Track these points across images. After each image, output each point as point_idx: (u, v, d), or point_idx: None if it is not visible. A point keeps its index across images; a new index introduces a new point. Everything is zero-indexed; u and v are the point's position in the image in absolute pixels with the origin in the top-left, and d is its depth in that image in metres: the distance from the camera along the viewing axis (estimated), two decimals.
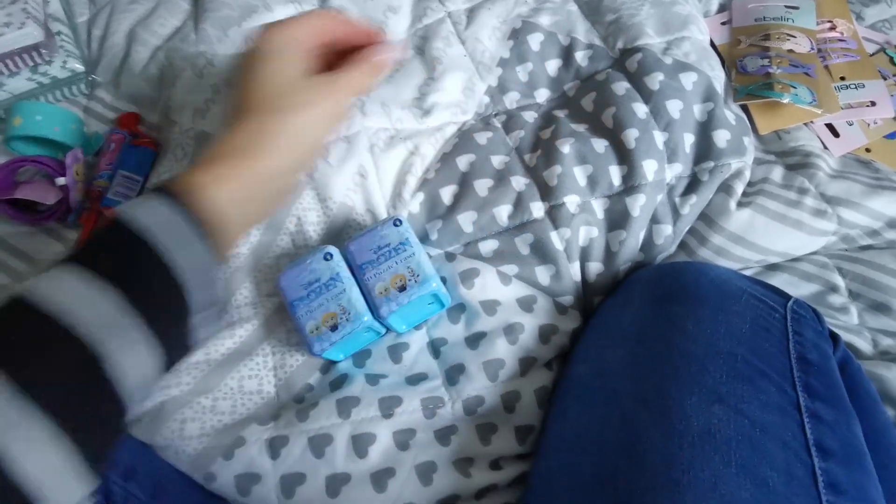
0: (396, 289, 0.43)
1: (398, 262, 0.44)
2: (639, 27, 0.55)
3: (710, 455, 0.32)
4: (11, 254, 0.49)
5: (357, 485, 0.41)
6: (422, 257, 0.44)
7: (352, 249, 0.45)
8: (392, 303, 0.43)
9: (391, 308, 0.43)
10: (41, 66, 0.55)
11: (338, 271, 0.44)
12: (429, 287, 0.43)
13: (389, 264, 0.44)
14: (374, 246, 0.44)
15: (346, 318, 0.43)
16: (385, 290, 0.43)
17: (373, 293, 0.43)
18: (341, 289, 0.43)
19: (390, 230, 0.45)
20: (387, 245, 0.44)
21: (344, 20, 0.40)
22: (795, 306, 0.40)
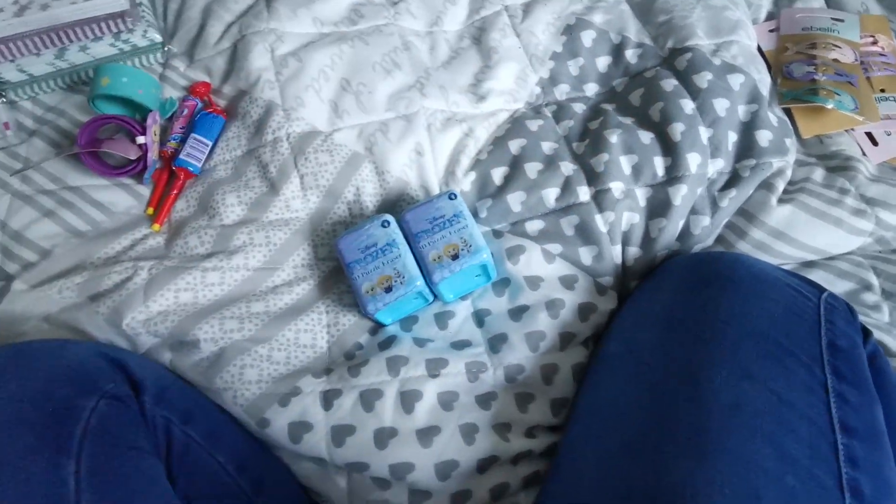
0: (450, 257, 0.46)
1: (452, 232, 0.47)
2: (690, 28, 0.57)
3: (737, 426, 0.34)
4: (90, 203, 0.53)
5: (404, 439, 0.43)
6: (474, 230, 0.47)
7: (407, 219, 0.48)
8: (445, 269, 0.46)
9: (443, 274, 0.46)
10: (123, 34, 0.59)
11: (394, 238, 0.47)
12: (480, 257, 0.46)
13: (443, 234, 0.47)
14: (430, 217, 0.47)
15: (400, 280, 0.46)
16: (438, 257, 0.46)
17: (426, 260, 0.46)
18: (397, 254, 0.46)
19: (445, 203, 0.48)
20: (441, 216, 0.47)
21: None
22: (829, 298, 0.41)
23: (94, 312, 0.46)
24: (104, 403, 0.36)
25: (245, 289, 0.49)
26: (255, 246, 0.51)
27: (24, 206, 0.52)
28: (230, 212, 0.52)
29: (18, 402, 0.34)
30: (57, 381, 0.36)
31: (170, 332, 0.46)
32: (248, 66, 0.57)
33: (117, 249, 0.50)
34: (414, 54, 0.59)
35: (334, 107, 0.56)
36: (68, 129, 0.57)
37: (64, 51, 0.58)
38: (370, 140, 0.54)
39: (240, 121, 0.56)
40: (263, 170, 0.54)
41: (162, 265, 0.48)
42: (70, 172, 0.54)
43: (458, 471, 0.43)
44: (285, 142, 0.54)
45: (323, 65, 0.57)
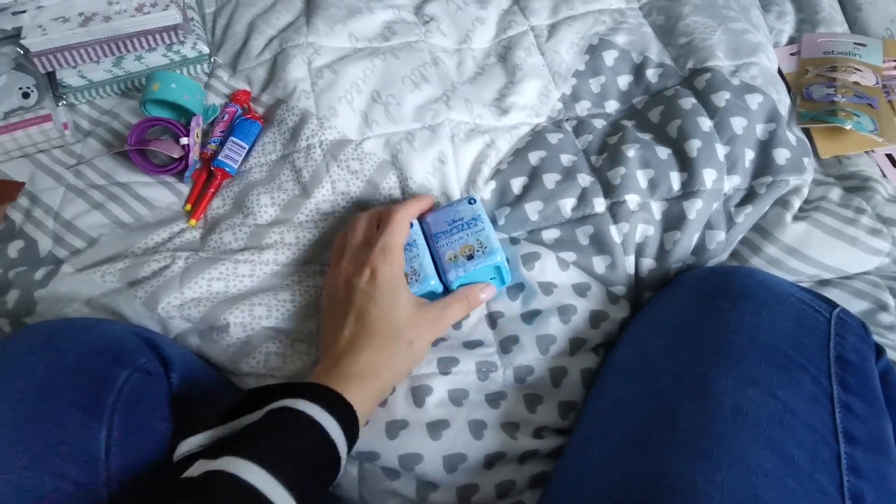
0: (465, 257, 0.48)
1: (469, 234, 0.49)
2: (710, 50, 0.59)
3: (740, 429, 0.34)
4: (135, 198, 0.57)
5: (414, 430, 0.45)
6: (490, 233, 0.49)
7: (428, 220, 0.51)
8: (459, 269, 0.48)
9: (458, 273, 0.48)
10: (175, 45, 0.64)
11: (415, 238, 0.49)
12: (494, 259, 0.48)
13: (461, 235, 0.49)
14: (449, 219, 0.50)
15: (415, 278, 0.48)
16: (454, 257, 0.48)
17: (443, 259, 0.48)
18: (415, 253, 0.49)
19: (465, 207, 0.50)
20: (460, 219, 0.50)
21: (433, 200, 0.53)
22: (842, 314, 0.42)
23: (132, 297, 0.49)
24: (137, 376, 0.39)
25: (274, 281, 0.52)
26: (286, 245, 0.53)
27: (77, 198, 0.56)
28: (263, 212, 0.56)
29: (59, 370, 0.37)
30: (94, 353, 0.39)
31: (201, 317, 0.49)
32: (286, 76, 0.61)
33: (157, 241, 0.54)
34: (442, 69, 0.63)
35: (364, 117, 0.59)
36: (120, 130, 0.62)
37: (121, 59, 0.63)
38: (396, 148, 0.57)
39: (276, 127, 0.60)
40: (297, 174, 0.57)
41: (197, 256, 0.52)
42: (119, 169, 0.58)
43: (466, 464, 0.44)
44: (318, 148, 0.57)
45: (356, 77, 0.60)
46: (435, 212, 0.51)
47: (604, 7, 0.68)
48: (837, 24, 0.65)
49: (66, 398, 0.36)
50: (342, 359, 0.41)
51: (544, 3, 0.68)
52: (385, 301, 0.43)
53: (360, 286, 0.43)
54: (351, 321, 0.43)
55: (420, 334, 0.44)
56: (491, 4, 0.69)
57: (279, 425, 0.34)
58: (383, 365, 0.42)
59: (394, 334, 0.43)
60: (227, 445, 0.33)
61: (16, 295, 0.50)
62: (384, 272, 0.44)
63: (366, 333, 0.42)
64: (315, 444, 0.34)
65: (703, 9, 0.64)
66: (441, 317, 0.46)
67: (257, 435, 0.34)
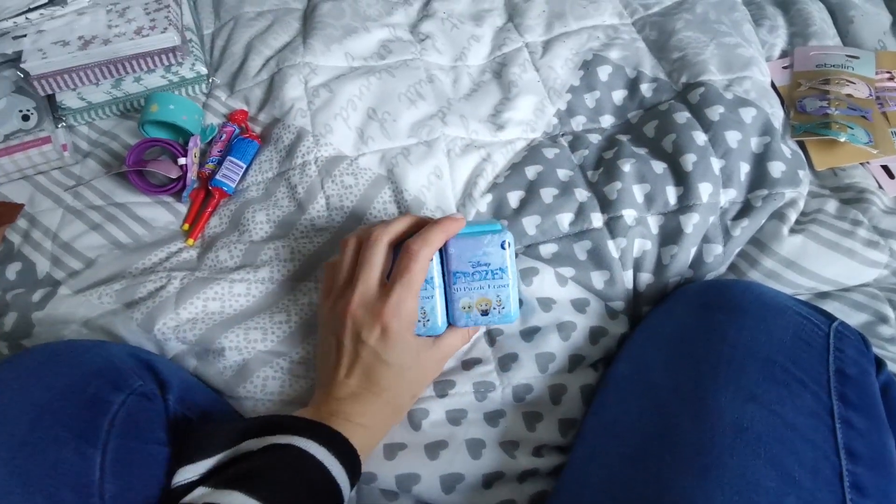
0: (479, 311, 0.45)
1: (490, 287, 0.44)
2: (703, 64, 0.59)
3: (740, 446, 0.34)
4: (133, 219, 0.57)
5: (411, 451, 0.44)
6: (513, 291, 0.44)
7: (451, 252, 0.44)
8: (469, 321, 0.45)
9: (467, 324, 0.45)
10: (173, 67, 0.64)
11: (431, 276, 0.44)
12: (508, 321, 0.45)
13: (481, 285, 0.44)
14: (474, 259, 0.44)
15: (423, 322, 0.44)
16: (468, 307, 0.45)
17: (456, 304, 0.45)
18: (430, 294, 0.44)
19: (495, 249, 0.44)
20: (486, 265, 0.44)
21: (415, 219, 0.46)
22: (840, 327, 0.41)
23: (129, 318, 0.49)
24: (133, 399, 0.39)
25: (269, 300, 0.52)
26: (281, 261, 0.54)
27: (75, 219, 0.57)
28: (259, 229, 0.56)
29: (54, 394, 0.37)
30: (90, 376, 0.39)
31: (197, 339, 0.49)
32: (282, 95, 0.61)
33: (154, 261, 0.54)
34: (437, 86, 0.63)
35: (360, 133, 0.59)
36: (119, 151, 0.62)
37: (120, 81, 0.63)
38: (392, 163, 0.57)
39: (272, 145, 0.60)
40: (292, 191, 0.57)
41: (193, 276, 0.52)
42: (117, 190, 0.59)
43: (464, 484, 0.43)
44: (313, 165, 0.57)
45: (351, 95, 0.61)
46: (461, 240, 0.45)
47: (597, 23, 0.68)
48: (829, 37, 0.65)
49: (60, 422, 0.35)
50: (348, 406, 0.40)
51: (538, 19, 0.69)
52: (396, 361, 0.41)
53: (369, 343, 0.41)
54: (357, 373, 0.41)
55: (424, 382, 0.45)
56: (486, 22, 0.70)
57: (285, 464, 0.34)
58: (388, 418, 0.43)
59: (401, 391, 0.43)
60: (231, 478, 0.33)
61: (14, 317, 0.50)
62: (396, 331, 0.41)
63: (374, 390, 0.41)
64: (320, 486, 0.34)
65: (696, 24, 0.64)
66: (443, 358, 0.46)
67: (262, 471, 0.34)
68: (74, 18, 0.64)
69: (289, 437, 0.36)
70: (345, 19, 0.68)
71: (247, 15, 0.71)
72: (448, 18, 0.70)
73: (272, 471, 0.34)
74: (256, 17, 0.71)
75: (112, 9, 0.64)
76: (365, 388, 0.41)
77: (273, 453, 0.35)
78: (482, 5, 0.72)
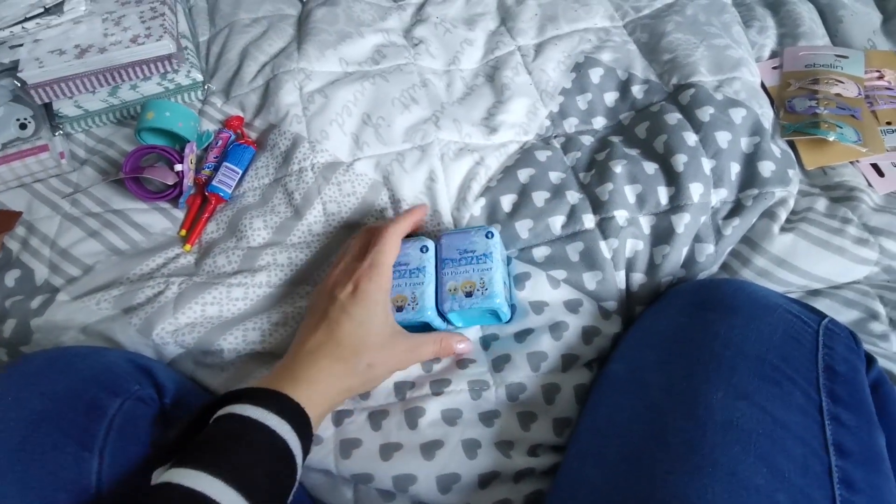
0: (464, 293, 0.48)
1: (475, 270, 0.48)
2: (693, 66, 0.60)
3: (731, 444, 0.35)
4: (131, 225, 0.57)
5: (408, 452, 0.45)
6: (496, 274, 0.48)
7: (443, 243, 0.50)
8: (455, 303, 0.48)
9: (453, 307, 0.48)
10: (169, 74, 0.65)
11: (425, 265, 0.49)
12: (492, 302, 0.47)
13: (466, 269, 0.48)
14: (462, 247, 0.49)
15: (412, 306, 0.47)
16: (454, 289, 0.48)
17: (443, 288, 0.48)
18: (421, 280, 0.48)
19: (480, 238, 0.49)
20: (472, 251, 0.49)
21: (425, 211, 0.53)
22: (830, 324, 0.42)
23: (127, 324, 0.50)
24: (129, 404, 0.39)
25: (267, 304, 0.52)
26: (279, 266, 0.54)
27: (73, 226, 0.57)
28: (256, 235, 0.56)
29: (51, 399, 0.37)
30: (87, 381, 0.39)
31: (196, 343, 0.49)
32: (278, 101, 0.62)
33: (151, 267, 0.55)
34: (431, 90, 0.64)
35: (355, 139, 0.60)
36: (116, 158, 0.63)
37: (116, 89, 0.64)
38: (387, 169, 0.57)
39: (268, 151, 0.61)
40: (289, 196, 0.58)
41: (191, 281, 0.52)
42: (114, 197, 0.59)
43: (460, 484, 0.44)
44: (310, 171, 0.58)
45: (346, 100, 0.61)
46: (453, 234, 0.50)
47: (589, 26, 0.69)
48: (819, 37, 0.66)
49: (58, 428, 0.36)
50: (300, 362, 0.41)
51: (531, 23, 0.70)
52: (359, 317, 0.43)
53: (339, 298, 0.44)
54: (321, 329, 0.43)
55: (384, 360, 0.45)
56: (478, 26, 0.70)
57: (226, 432, 0.35)
58: (337, 376, 0.42)
59: (357, 350, 0.43)
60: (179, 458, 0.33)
61: (13, 324, 0.51)
62: (366, 289, 0.44)
63: (331, 343, 0.42)
64: (264, 446, 0.35)
65: (686, 26, 0.65)
66: (411, 351, 0.46)
67: (205, 444, 0.34)
68: (71, 27, 0.64)
69: (229, 406, 0.36)
70: (339, 25, 0.69)
71: (242, 21, 0.72)
72: (441, 23, 0.70)
73: (215, 442, 0.34)
74: (251, 23, 0.71)
75: (108, 17, 0.65)
76: (323, 344, 0.42)
77: (217, 425, 0.35)
78: (475, 9, 0.73)
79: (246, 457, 0.34)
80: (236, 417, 0.35)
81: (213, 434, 0.35)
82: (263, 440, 0.35)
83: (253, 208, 0.58)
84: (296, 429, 0.37)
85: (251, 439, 0.35)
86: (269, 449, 0.35)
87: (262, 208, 0.58)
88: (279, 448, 0.35)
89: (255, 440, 0.35)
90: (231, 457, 0.33)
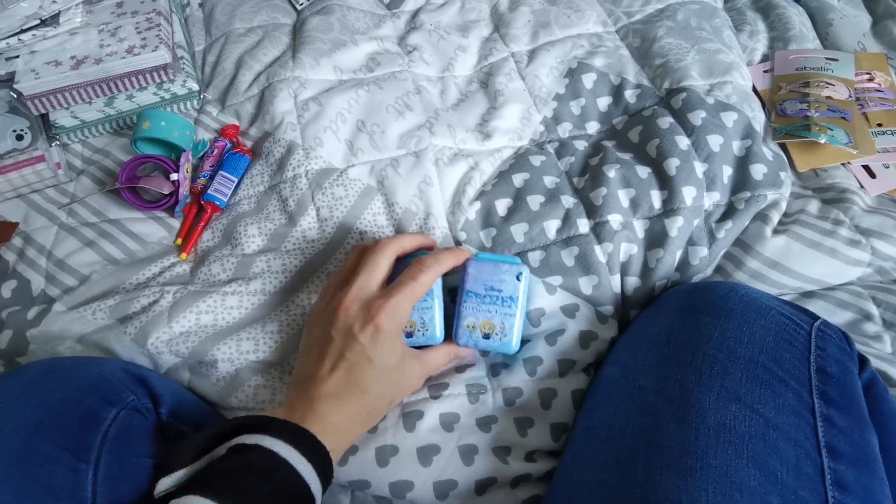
0: (482, 334, 0.47)
1: (498, 313, 0.47)
2: (684, 70, 0.60)
3: (724, 446, 0.35)
4: (127, 234, 0.58)
5: (404, 457, 0.45)
6: (518, 321, 0.47)
7: (470, 271, 0.47)
8: (471, 341, 0.47)
9: (468, 343, 0.47)
10: (165, 84, 0.65)
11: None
12: (508, 349, 0.47)
13: (489, 309, 0.47)
14: (489, 283, 0.47)
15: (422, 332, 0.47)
16: (472, 326, 0.47)
17: (461, 320, 0.47)
18: (429, 305, 0.46)
19: (510, 278, 0.47)
20: (499, 291, 0.47)
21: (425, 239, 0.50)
22: (822, 326, 0.42)
23: (122, 333, 0.50)
24: (125, 414, 0.39)
25: (262, 312, 0.52)
26: (273, 273, 0.54)
27: (69, 236, 0.57)
28: (251, 242, 0.56)
29: (47, 410, 0.37)
30: (82, 392, 0.39)
31: (190, 352, 0.49)
32: (273, 110, 0.62)
33: (147, 276, 0.55)
34: (425, 97, 0.64)
35: (350, 145, 0.60)
36: (112, 168, 0.63)
37: (113, 99, 0.64)
38: (381, 174, 0.58)
39: (263, 159, 0.61)
40: (283, 203, 0.58)
41: (186, 290, 0.52)
42: (110, 206, 0.60)
43: (457, 491, 0.44)
44: (304, 178, 0.58)
45: (341, 108, 0.62)
46: (481, 263, 0.47)
47: (581, 32, 0.69)
48: (809, 40, 0.66)
49: (53, 439, 0.36)
50: (324, 404, 0.40)
51: (524, 29, 0.70)
52: (381, 363, 0.42)
53: (359, 339, 0.41)
54: (341, 370, 0.41)
55: (402, 392, 0.45)
56: (472, 33, 0.71)
57: (249, 463, 0.34)
58: (363, 421, 0.42)
59: (382, 395, 0.43)
60: (194, 482, 0.33)
61: (9, 335, 0.51)
62: (388, 331, 0.42)
63: (355, 389, 0.41)
64: (286, 486, 0.34)
65: (677, 31, 0.65)
66: (423, 374, 0.47)
67: (225, 473, 0.33)
68: (66, 38, 0.65)
69: (256, 436, 0.35)
70: (333, 33, 0.69)
71: (237, 31, 0.72)
72: (435, 30, 0.71)
73: (234, 472, 0.33)
74: (246, 32, 0.72)
75: (104, 28, 0.65)
76: (345, 388, 0.41)
77: (240, 454, 0.34)
78: (468, 16, 0.73)
79: (265, 495, 0.33)
80: (261, 451, 0.34)
81: (234, 464, 0.34)
82: (286, 479, 0.34)
83: (248, 216, 0.58)
84: (319, 472, 0.36)
85: (275, 477, 0.34)
86: (290, 491, 0.34)
87: (256, 216, 0.58)
88: (301, 493, 0.35)
89: (278, 479, 0.34)
90: (249, 493, 0.32)
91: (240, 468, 0.34)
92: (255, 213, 0.58)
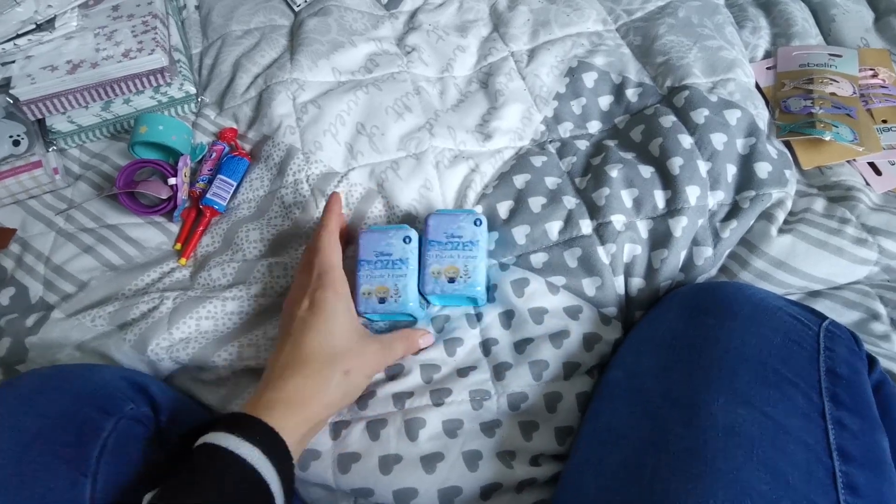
0: (447, 278, 0.48)
1: (460, 256, 0.49)
2: (686, 68, 0.60)
3: (733, 450, 0.34)
4: (125, 240, 0.57)
5: (408, 465, 0.44)
6: (480, 263, 0.49)
7: (430, 223, 0.50)
8: (437, 287, 0.49)
9: (434, 290, 0.49)
10: (162, 87, 0.65)
11: (408, 256, 0.49)
12: (473, 291, 0.48)
13: (452, 254, 0.49)
14: (449, 231, 0.49)
15: (395, 298, 0.48)
16: (438, 273, 0.49)
17: (426, 269, 0.49)
18: (403, 272, 0.48)
19: (469, 224, 0.49)
20: (459, 237, 0.49)
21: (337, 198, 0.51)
22: (831, 326, 0.41)
23: (121, 340, 0.49)
24: (124, 423, 0.39)
25: (262, 318, 0.52)
26: (275, 278, 0.54)
27: (67, 242, 0.57)
28: (253, 247, 0.56)
29: (46, 420, 0.37)
30: (81, 401, 0.39)
31: (190, 359, 0.49)
32: (271, 113, 0.62)
33: (146, 282, 0.54)
34: (424, 98, 0.63)
35: (349, 148, 0.60)
36: (110, 173, 0.63)
37: (109, 103, 0.64)
38: (381, 177, 0.57)
39: (263, 163, 0.61)
40: (286, 209, 0.57)
41: (186, 295, 0.52)
42: (108, 212, 0.59)
43: (462, 497, 0.43)
44: (305, 183, 0.58)
45: (340, 110, 0.61)
46: (440, 215, 0.50)
47: (581, 30, 0.69)
48: (812, 36, 0.66)
49: (51, 450, 0.35)
50: (272, 385, 0.40)
51: (523, 28, 0.69)
52: (323, 327, 0.42)
53: (298, 314, 0.43)
54: (287, 349, 0.42)
55: (359, 365, 0.43)
56: (471, 32, 0.70)
57: (197, 465, 0.34)
58: (313, 392, 0.40)
59: (328, 361, 0.41)
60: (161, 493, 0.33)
61: (8, 343, 0.51)
62: (322, 298, 0.43)
63: (298, 360, 0.41)
64: (234, 478, 0.34)
65: (679, 28, 0.65)
66: (383, 352, 0.46)
67: (183, 478, 0.33)
68: (62, 43, 0.64)
69: (205, 436, 0.35)
70: (331, 34, 0.69)
71: (234, 33, 0.72)
72: (434, 30, 0.70)
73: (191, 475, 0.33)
74: (244, 35, 0.71)
75: (100, 32, 0.65)
76: (290, 361, 0.41)
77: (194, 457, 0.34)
78: (467, 16, 0.73)
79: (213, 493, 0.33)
80: (210, 448, 0.34)
81: (189, 467, 0.34)
82: (234, 472, 0.34)
83: (249, 221, 0.58)
84: (269, 454, 0.35)
85: (222, 472, 0.34)
86: (239, 480, 0.34)
87: (258, 221, 0.57)
88: (249, 478, 0.34)
89: (226, 472, 0.34)
90: (202, 492, 0.32)
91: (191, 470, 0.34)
92: (256, 218, 0.58)
